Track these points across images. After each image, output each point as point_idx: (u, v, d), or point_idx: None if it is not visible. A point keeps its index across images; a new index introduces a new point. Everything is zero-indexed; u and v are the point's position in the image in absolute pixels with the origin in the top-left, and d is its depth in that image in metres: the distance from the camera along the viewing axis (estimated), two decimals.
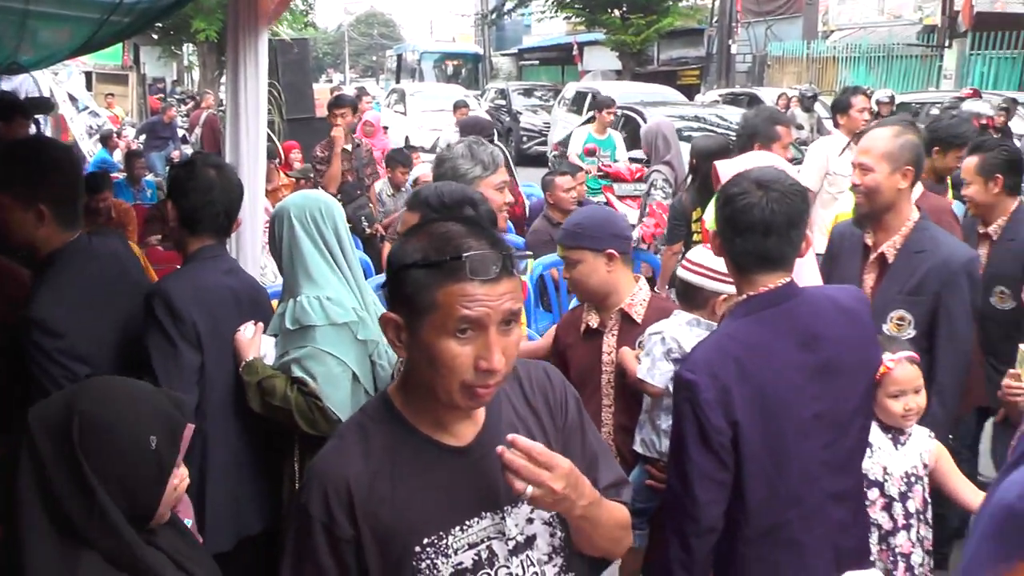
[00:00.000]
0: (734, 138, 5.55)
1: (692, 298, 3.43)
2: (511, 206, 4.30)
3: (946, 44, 25.67)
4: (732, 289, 3.05)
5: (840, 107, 7.93)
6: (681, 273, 3.47)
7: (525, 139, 25.40)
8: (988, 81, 23.37)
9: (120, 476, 2.01)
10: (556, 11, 36.03)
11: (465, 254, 1.83)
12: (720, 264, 3.02)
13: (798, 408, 2.64)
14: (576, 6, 34.61)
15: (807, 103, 17.57)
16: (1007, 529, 1.64)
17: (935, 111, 14.27)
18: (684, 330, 3.33)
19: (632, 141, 12.06)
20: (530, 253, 5.86)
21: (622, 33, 32.56)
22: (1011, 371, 3.52)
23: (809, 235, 2.83)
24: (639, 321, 3.53)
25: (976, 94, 14.14)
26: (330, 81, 56.64)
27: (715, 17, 29.39)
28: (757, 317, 2.72)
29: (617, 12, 33.27)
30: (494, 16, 42.14)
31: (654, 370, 3.29)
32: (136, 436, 2.05)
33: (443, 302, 1.83)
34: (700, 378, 2.61)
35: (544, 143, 22.15)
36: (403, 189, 9.20)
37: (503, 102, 28.26)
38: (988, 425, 5.15)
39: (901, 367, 3.27)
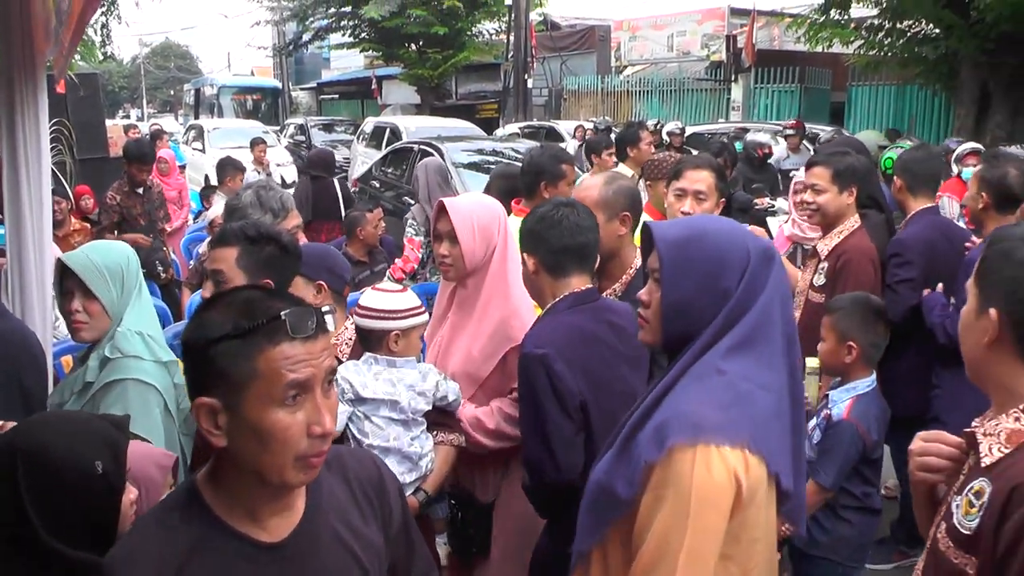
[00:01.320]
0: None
1: (368, 339, 3.42)
2: None
3: (732, 79, 26.70)
4: (403, 324, 3.34)
5: (628, 140, 7.89)
6: (356, 320, 3.44)
7: None
8: (772, 112, 24.68)
9: (73, 508, 2.02)
10: (353, 45, 35.41)
11: (282, 313, 1.72)
12: (390, 303, 3.35)
13: (617, 385, 2.96)
14: (373, 40, 34.10)
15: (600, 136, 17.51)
16: (597, 502, 2.16)
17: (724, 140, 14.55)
18: (356, 370, 3.34)
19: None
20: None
21: (419, 67, 32.25)
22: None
23: None
24: (342, 361, 3.49)
25: (800, 125, 14.33)
26: (127, 116, 54.15)
27: (511, 52, 29.33)
28: (578, 310, 3.09)
29: (414, 46, 32.94)
30: (291, 48, 40.88)
31: None
32: (82, 466, 2.04)
33: (265, 369, 1.70)
34: (549, 350, 2.92)
35: (345, 178, 21.40)
36: None
37: (303, 137, 27.23)
38: None
39: None
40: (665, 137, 13.57)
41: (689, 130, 16.54)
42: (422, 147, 13.00)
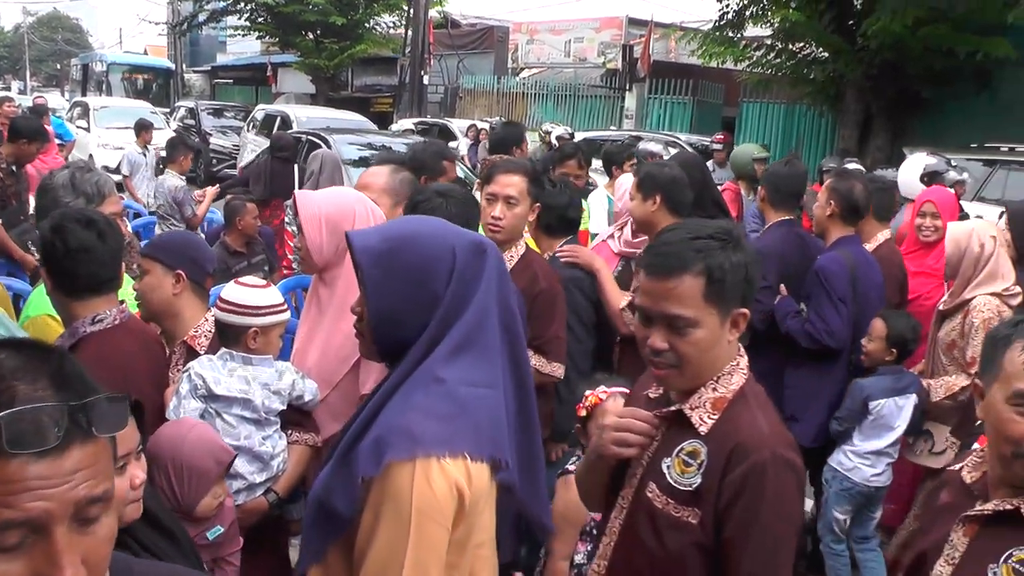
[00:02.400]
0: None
1: (226, 335, 3.32)
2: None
3: (627, 88, 26.78)
4: (262, 321, 3.24)
5: (512, 141, 7.77)
6: (216, 313, 3.34)
7: (215, 161, 23.62)
8: (664, 123, 24.73)
9: None
10: (249, 30, 34.56)
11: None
12: (251, 299, 3.26)
13: None
14: (270, 25, 33.34)
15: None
16: (318, 520, 2.06)
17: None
18: (211, 365, 3.24)
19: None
20: None
21: (315, 57, 31.65)
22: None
23: None
24: (200, 353, 3.35)
25: (728, 140, 14.47)
26: (7, 88, 51.94)
27: (408, 47, 28.97)
28: None
29: (311, 35, 32.29)
30: (185, 27, 39.60)
31: (180, 408, 3.15)
32: None
33: None
34: None
35: (234, 166, 20.79)
36: None
37: (192, 121, 26.36)
38: None
39: (613, 399, 3.35)
40: (554, 142, 13.38)
41: (582, 135, 16.40)
42: (310, 138, 12.76)
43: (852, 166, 9.47)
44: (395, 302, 2.07)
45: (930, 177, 7.50)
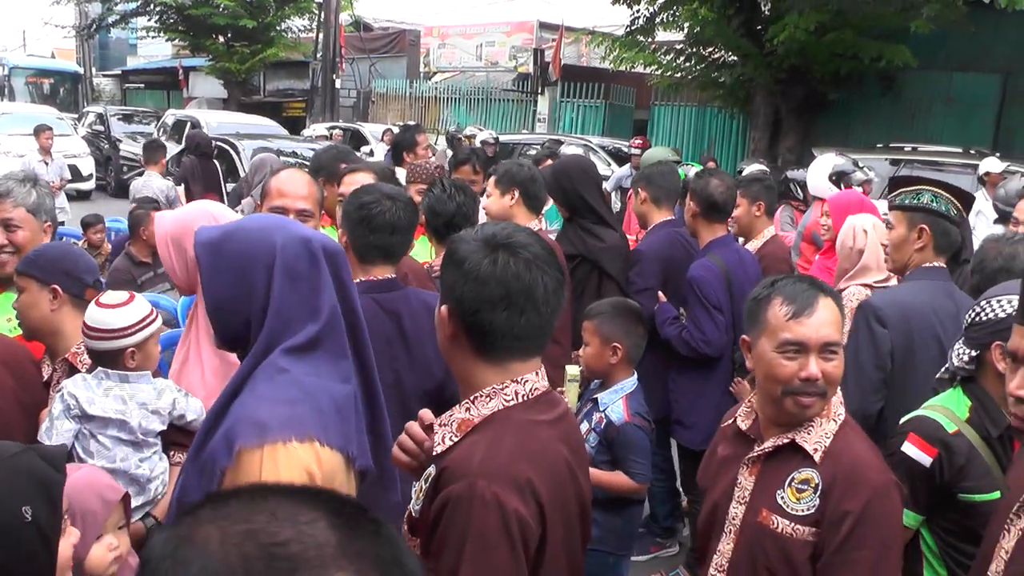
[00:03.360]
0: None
1: (102, 359, 3.09)
2: None
3: (539, 91, 26.64)
4: (136, 340, 3.07)
5: (405, 145, 7.59)
6: (85, 342, 3.13)
7: (125, 168, 22.75)
8: (577, 126, 24.71)
9: None
10: (159, 31, 33.61)
11: None
12: (118, 320, 3.05)
13: (382, 371, 2.52)
14: (180, 28, 32.47)
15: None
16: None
17: (532, 151, 14.83)
18: (84, 385, 3.04)
19: (228, 174, 11.75)
20: None
21: (226, 60, 30.89)
22: None
23: None
24: (79, 370, 3.20)
25: (646, 144, 14.30)
26: None
27: (320, 51, 28.45)
28: (376, 297, 3.27)
29: (221, 38, 31.49)
30: (93, 30, 38.31)
31: (52, 430, 2.97)
32: (4, 514, 1.68)
33: None
34: None
35: (143, 173, 20.00)
36: None
37: (101, 127, 25.35)
38: None
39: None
40: (478, 144, 13.18)
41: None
42: (218, 143, 12.42)
43: (755, 168, 9.87)
44: (221, 291, 2.11)
45: (838, 177, 7.53)
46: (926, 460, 2.86)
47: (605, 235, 5.24)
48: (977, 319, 2.90)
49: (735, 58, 17.68)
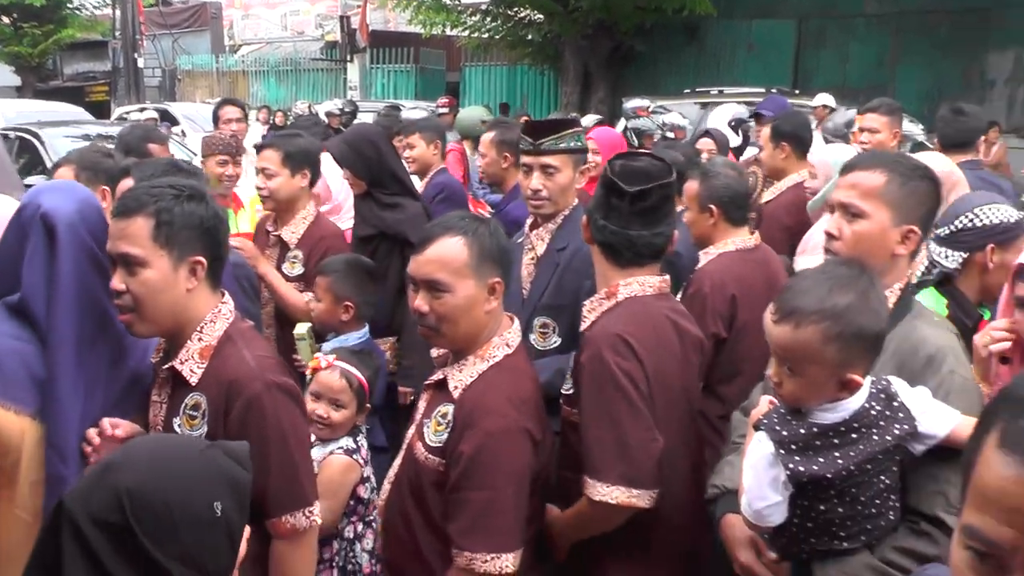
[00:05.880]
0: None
1: None
2: None
3: (348, 59, 25.67)
4: None
5: (213, 121, 7.21)
6: None
7: None
8: (389, 92, 24.10)
9: (185, 556, 1.59)
10: None
11: None
12: None
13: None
14: None
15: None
16: None
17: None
18: None
19: (27, 169, 10.03)
20: None
21: (16, 44, 28.08)
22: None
23: None
24: None
25: (454, 103, 14.11)
26: None
27: (118, 29, 26.48)
28: None
29: (7, 20, 28.69)
30: None
31: None
32: (198, 507, 1.62)
33: None
34: None
35: None
36: None
37: None
38: None
39: (329, 372, 3.23)
40: (324, 118, 12.62)
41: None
42: (19, 134, 11.14)
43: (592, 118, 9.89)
44: None
45: (737, 123, 7.51)
46: None
47: (407, 204, 4.61)
48: (969, 224, 3.01)
49: (541, 16, 17.45)
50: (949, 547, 1.12)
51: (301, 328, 4.02)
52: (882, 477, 2.05)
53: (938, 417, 2.06)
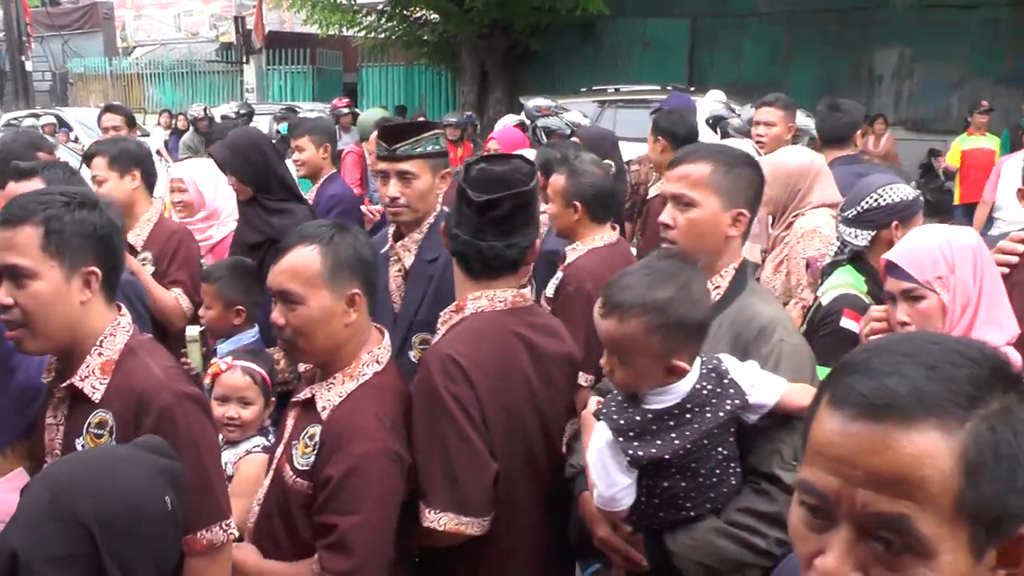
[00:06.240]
0: None
1: None
2: None
3: (244, 61, 25.18)
4: None
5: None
6: None
7: None
8: (287, 94, 23.72)
9: (149, 557, 1.67)
10: None
11: None
12: None
13: None
14: None
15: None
16: None
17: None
18: None
19: None
20: None
21: None
22: None
23: None
24: None
25: (351, 103, 14.28)
26: None
27: (2, 30, 25.46)
28: None
29: None
30: None
31: None
32: (155, 509, 1.69)
33: None
34: None
35: None
36: None
37: None
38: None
39: (231, 373, 3.17)
40: (220, 122, 12.34)
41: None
42: None
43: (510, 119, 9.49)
44: None
45: (715, 122, 7.50)
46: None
47: (295, 209, 4.44)
48: (874, 204, 3.24)
49: (437, 16, 17.35)
50: (786, 502, 1.46)
51: (193, 330, 3.95)
52: (720, 449, 2.16)
53: (767, 387, 2.18)
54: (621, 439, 2.12)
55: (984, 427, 1.00)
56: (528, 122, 7.95)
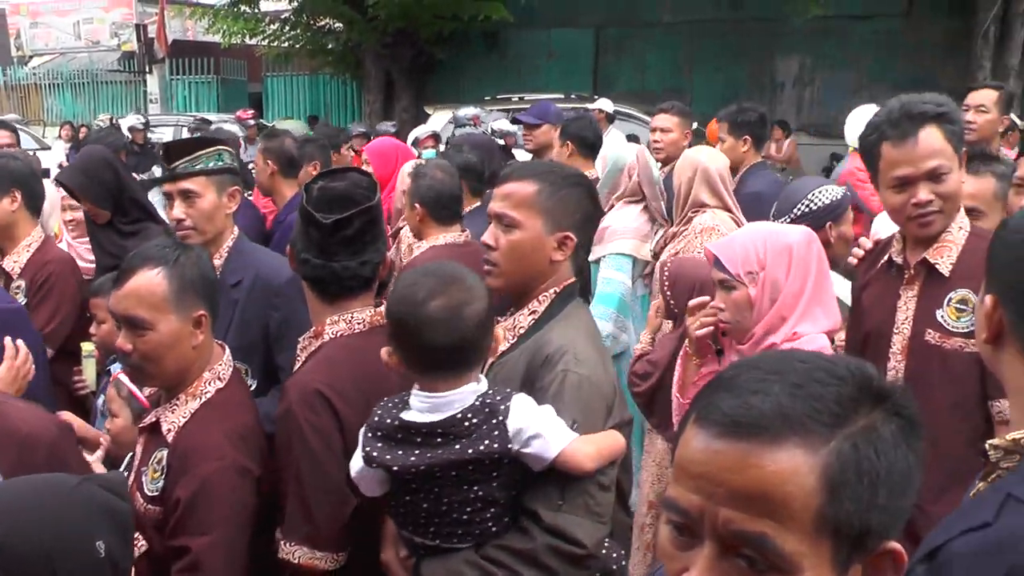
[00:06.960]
0: None
1: None
2: None
3: (147, 70, 24.53)
4: None
5: None
6: None
7: None
8: (191, 104, 23.28)
9: None
10: None
11: None
12: None
13: None
14: None
15: None
16: None
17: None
18: None
19: None
20: None
21: None
22: None
23: None
24: None
25: (256, 115, 14.05)
26: None
27: None
28: None
29: None
30: None
31: None
32: (78, 551, 1.45)
33: None
34: None
35: None
36: None
37: None
38: None
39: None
40: (127, 133, 11.92)
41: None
42: None
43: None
44: None
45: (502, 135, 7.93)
46: None
47: (151, 229, 4.12)
48: (811, 207, 3.43)
49: (341, 25, 17.08)
50: (542, 539, 2.00)
51: (90, 346, 3.78)
52: (476, 488, 2.05)
53: (550, 440, 2.04)
54: (369, 434, 2.09)
55: (847, 445, 1.00)
56: (455, 129, 8.05)
